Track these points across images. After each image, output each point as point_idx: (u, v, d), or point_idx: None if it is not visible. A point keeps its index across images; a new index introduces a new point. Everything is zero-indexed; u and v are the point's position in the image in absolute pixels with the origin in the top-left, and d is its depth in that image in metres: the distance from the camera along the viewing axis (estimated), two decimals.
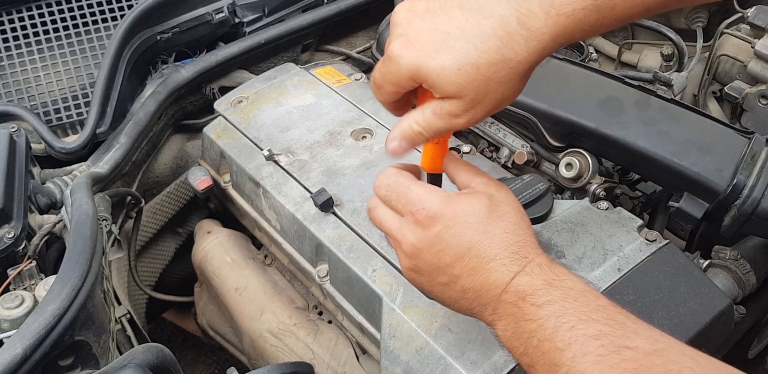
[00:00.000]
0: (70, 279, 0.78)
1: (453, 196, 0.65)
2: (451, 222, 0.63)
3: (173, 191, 1.36)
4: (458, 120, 0.61)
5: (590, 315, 0.56)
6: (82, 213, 0.91)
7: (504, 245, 0.62)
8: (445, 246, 0.63)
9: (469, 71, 0.57)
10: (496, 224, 0.63)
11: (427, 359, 0.80)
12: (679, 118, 0.94)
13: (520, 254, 0.62)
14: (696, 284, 0.81)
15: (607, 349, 0.53)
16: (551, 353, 0.55)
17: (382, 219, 0.68)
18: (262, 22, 1.40)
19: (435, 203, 0.64)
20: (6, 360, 0.69)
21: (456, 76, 0.57)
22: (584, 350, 0.53)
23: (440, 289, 0.65)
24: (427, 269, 0.64)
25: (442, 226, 0.63)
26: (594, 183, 0.97)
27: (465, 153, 1.03)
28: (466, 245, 0.63)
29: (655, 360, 0.52)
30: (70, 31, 1.27)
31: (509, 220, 0.64)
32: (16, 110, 1.15)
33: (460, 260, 0.62)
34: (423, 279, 0.66)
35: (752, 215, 0.84)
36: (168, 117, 1.32)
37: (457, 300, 0.64)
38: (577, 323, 0.55)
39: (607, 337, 0.54)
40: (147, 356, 0.75)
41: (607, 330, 0.54)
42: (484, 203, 0.64)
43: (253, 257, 1.20)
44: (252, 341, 1.09)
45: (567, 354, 0.54)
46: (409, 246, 0.65)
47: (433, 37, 0.58)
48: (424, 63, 0.57)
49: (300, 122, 1.14)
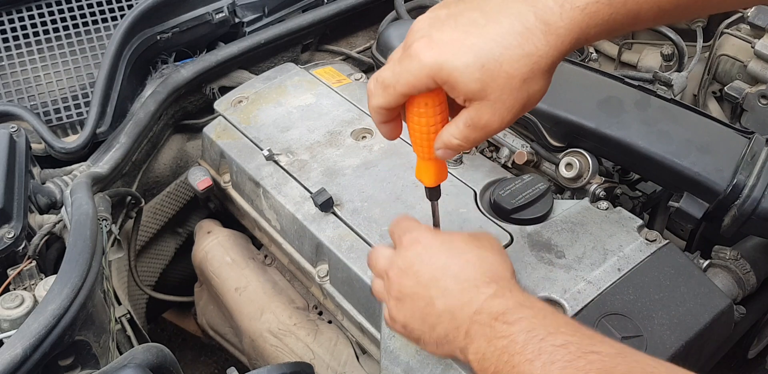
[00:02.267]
0: (70, 279, 0.79)
1: (441, 230, 0.72)
2: (431, 244, 0.69)
3: (173, 191, 1.36)
4: (491, 127, 0.61)
5: (558, 328, 0.58)
6: (82, 213, 0.91)
7: (480, 271, 0.66)
8: (423, 266, 0.68)
9: (493, 68, 0.57)
10: (473, 252, 0.69)
11: (427, 359, 0.80)
12: (679, 118, 0.94)
13: (493, 279, 0.65)
14: (696, 284, 0.81)
15: (573, 355, 0.55)
16: (522, 365, 0.57)
17: (379, 257, 0.74)
18: (262, 22, 1.40)
19: (422, 230, 0.71)
20: (6, 360, 0.69)
21: (480, 73, 0.57)
22: (552, 358, 0.56)
23: (420, 316, 0.67)
24: (408, 292, 0.68)
25: (421, 247, 0.69)
26: (594, 183, 0.97)
27: (465, 153, 1.03)
28: (443, 266, 0.67)
29: (619, 361, 0.55)
30: (70, 31, 1.27)
31: (487, 251, 0.69)
32: (16, 109, 1.15)
33: (437, 280, 0.66)
34: (406, 307, 0.68)
35: (752, 215, 0.84)
36: (168, 117, 1.32)
37: (435, 325, 0.66)
38: (546, 335, 0.58)
39: (574, 345, 0.56)
40: (147, 356, 0.75)
41: (574, 340, 0.57)
42: (465, 235, 0.72)
43: (253, 257, 1.20)
44: (252, 341, 1.10)
45: (536, 363, 0.56)
46: (394, 269, 0.70)
47: (455, 36, 0.58)
48: (447, 60, 0.58)
49: (300, 122, 1.14)
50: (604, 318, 0.77)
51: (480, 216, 0.92)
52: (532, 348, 0.57)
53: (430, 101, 0.62)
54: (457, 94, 0.59)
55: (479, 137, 0.62)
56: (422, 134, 0.65)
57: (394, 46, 1.13)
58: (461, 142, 0.63)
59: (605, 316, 0.77)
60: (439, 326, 0.65)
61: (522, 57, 0.57)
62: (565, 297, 0.79)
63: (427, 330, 0.67)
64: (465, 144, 0.63)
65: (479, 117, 0.60)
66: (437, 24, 0.60)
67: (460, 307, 0.64)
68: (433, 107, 0.63)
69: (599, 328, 0.76)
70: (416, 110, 0.63)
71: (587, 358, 0.55)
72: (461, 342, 0.63)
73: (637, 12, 0.58)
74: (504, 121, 0.61)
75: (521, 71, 0.58)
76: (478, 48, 0.57)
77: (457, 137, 0.62)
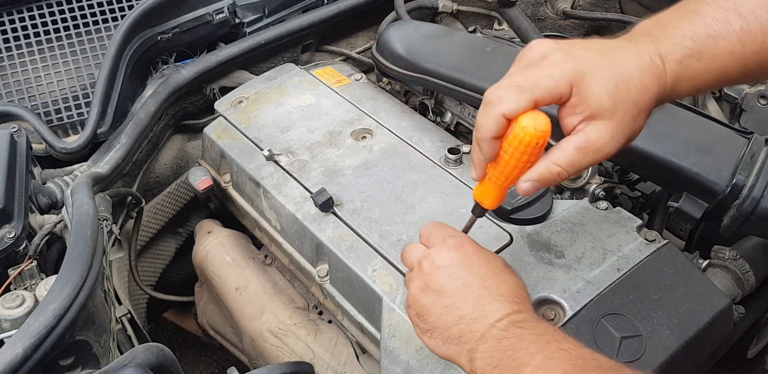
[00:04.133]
0: (71, 279, 0.79)
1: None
2: (475, 253, 0.71)
3: (174, 191, 1.36)
4: (604, 151, 0.60)
5: (566, 339, 0.62)
6: (82, 213, 0.91)
7: (513, 291, 0.69)
8: (462, 269, 0.69)
9: (623, 91, 0.59)
10: (508, 273, 0.71)
11: (426, 359, 0.80)
12: (678, 118, 0.94)
13: (522, 300, 0.68)
14: (695, 284, 0.81)
15: (573, 357, 0.58)
16: (523, 357, 0.59)
17: (413, 248, 0.75)
18: (263, 23, 1.40)
19: (467, 238, 0.73)
20: (7, 360, 0.69)
21: (614, 90, 0.59)
22: (553, 355, 0.58)
23: (439, 312, 0.69)
24: (437, 288, 0.69)
25: (465, 253, 0.71)
26: (593, 183, 0.97)
27: (465, 153, 1.03)
28: (482, 276, 0.69)
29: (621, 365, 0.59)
30: (70, 31, 1.27)
31: (517, 278, 0.72)
32: (17, 110, 1.15)
33: (469, 288, 0.68)
34: (428, 299, 0.70)
35: (751, 215, 0.84)
36: (168, 117, 1.32)
37: (450, 325, 0.67)
38: (552, 340, 0.61)
39: (576, 352, 0.59)
40: (147, 356, 0.75)
41: (577, 348, 0.60)
42: (501, 257, 0.74)
43: (254, 257, 1.20)
44: (252, 340, 1.10)
45: (537, 357, 0.59)
46: (429, 263, 0.71)
47: (589, 54, 0.60)
48: (590, 70, 0.59)
49: (300, 122, 1.14)
50: (603, 317, 0.77)
51: None
52: (536, 346, 0.59)
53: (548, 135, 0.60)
54: (585, 108, 0.59)
55: (586, 162, 0.61)
56: (518, 163, 0.62)
57: (395, 46, 1.13)
58: (563, 169, 0.61)
59: (604, 316, 0.77)
60: (456, 327, 0.67)
61: (643, 89, 0.60)
62: (564, 297, 0.80)
63: (441, 327, 0.68)
64: (566, 171, 0.61)
65: (598, 138, 0.59)
66: (565, 45, 0.62)
67: (484, 315, 0.65)
68: (545, 141, 0.61)
69: (598, 328, 0.76)
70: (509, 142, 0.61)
71: (587, 362, 0.57)
72: (473, 343, 0.65)
73: (723, 68, 0.61)
74: (616, 147, 0.61)
75: (642, 101, 0.60)
76: (612, 69, 0.59)
77: (561, 163, 0.60)
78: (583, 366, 0.57)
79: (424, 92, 1.20)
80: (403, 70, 1.12)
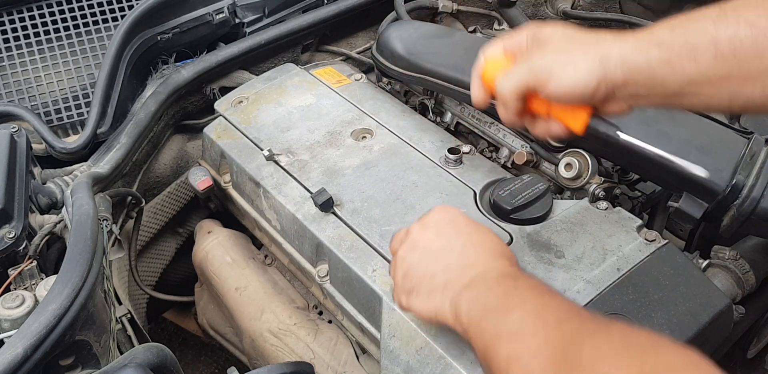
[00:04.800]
0: (71, 279, 0.79)
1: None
2: (461, 215, 0.76)
3: (174, 191, 1.36)
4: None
5: (561, 295, 0.63)
6: (82, 213, 0.91)
7: (502, 248, 0.72)
8: (449, 229, 0.72)
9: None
10: (496, 237, 0.74)
11: (426, 358, 0.80)
12: (678, 118, 0.94)
13: (511, 259, 0.70)
14: (695, 284, 0.81)
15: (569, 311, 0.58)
16: (514, 301, 0.60)
17: (401, 230, 0.78)
18: (263, 23, 1.40)
19: (459, 210, 0.77)
20: (7, 360, 0.69)
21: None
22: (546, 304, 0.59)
23: (425, 264, 0.70)
24: (424, 245, 0.72)
25: (453, 216, 0.75)
26: (593, 183, 0.97)
27: (465, 153, 1.03)
28: (471, 232, 0.72)
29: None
30: (70, 31, 1.27)
31: (506, 246, 0.75)
32: (17, 110, 1.15)
33: (456, 239, 0.71)
34: (415, 256, 0.71)
35: (751, 215, 0.84)
36: (168, 117, 1.32)
37: (437, 274, 0.68)
38: (546, 291, 0.62)
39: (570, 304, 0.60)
40: (147, 356, 0.75)
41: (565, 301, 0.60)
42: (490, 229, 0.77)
43: (253, 257, 1.20)
44: (252, 341, 1.10)
45: (528, 305, 0.59)
46: (418, 225, 0.75)
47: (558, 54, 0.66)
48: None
49: (300, 122, 1.14)
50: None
51: (480, 216, 0.92)
52: (530, 294, 0.61)
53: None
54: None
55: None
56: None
57: (394, 46, 1.13)
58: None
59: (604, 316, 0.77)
60: (441, 275, 0.67)
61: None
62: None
63: (427, 278, 0.69)
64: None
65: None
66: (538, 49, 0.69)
67: (472, 264, 0.67)
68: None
69: None
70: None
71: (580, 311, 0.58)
72: (458, 290, 0.65)
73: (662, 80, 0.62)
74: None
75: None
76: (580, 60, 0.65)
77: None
78: (578, 313, 0.56)
79: (424, 92, 1.20)
80: (403, 70, 1.12)
